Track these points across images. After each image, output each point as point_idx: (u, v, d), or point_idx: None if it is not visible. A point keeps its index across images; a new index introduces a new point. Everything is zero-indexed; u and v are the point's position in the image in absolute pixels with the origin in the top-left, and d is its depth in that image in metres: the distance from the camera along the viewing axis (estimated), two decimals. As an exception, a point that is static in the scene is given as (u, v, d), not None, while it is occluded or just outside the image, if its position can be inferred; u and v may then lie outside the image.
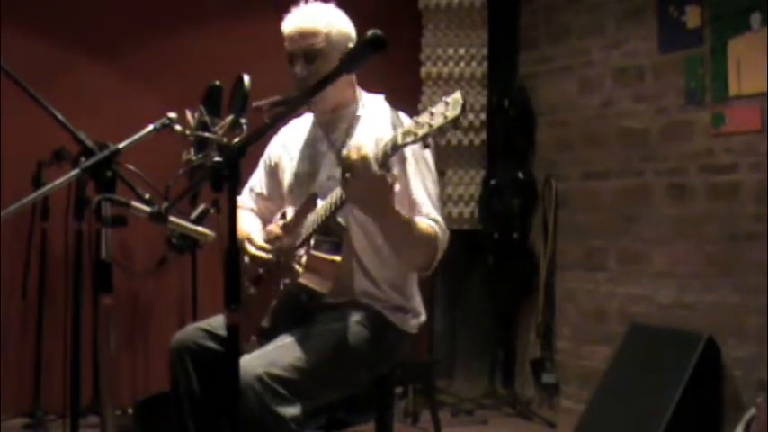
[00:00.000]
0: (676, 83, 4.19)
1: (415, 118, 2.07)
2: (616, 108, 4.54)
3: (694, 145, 4.11)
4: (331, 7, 2.52)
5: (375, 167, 2.07)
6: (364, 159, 2.06)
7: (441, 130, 2.01)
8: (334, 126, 2.54)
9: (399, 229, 2.24)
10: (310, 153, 2.56)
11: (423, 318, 2.59)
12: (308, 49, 2.43)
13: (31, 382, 4.39)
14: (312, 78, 2.39)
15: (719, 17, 3.97)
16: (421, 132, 2.02)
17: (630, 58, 4.46)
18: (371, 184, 2.08)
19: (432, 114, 2.01)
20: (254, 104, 2.48)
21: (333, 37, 2.44)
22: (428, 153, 2.41)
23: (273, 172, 2.69)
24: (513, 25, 5.24)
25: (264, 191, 2.73)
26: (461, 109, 1.96)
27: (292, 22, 2.47)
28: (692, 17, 4.10)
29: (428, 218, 2.34)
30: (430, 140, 2.04)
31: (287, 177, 2.61)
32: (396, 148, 2.09)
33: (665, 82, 4.26)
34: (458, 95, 1.97)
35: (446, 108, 1.98)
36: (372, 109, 2.52)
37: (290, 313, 2.41)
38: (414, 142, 2.05)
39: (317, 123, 2.60)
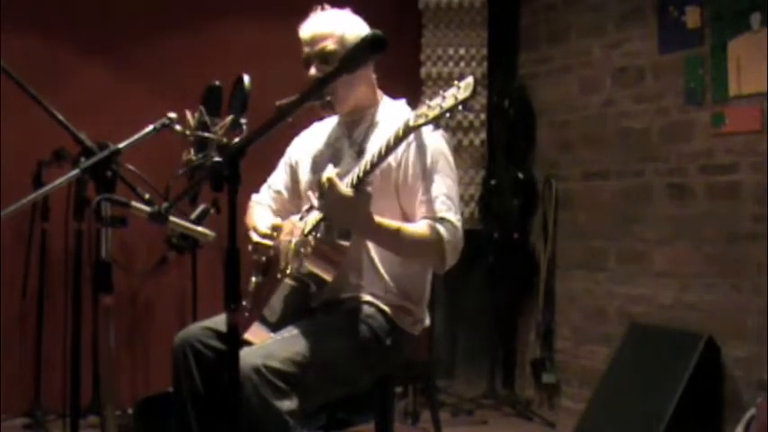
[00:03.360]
0: (676, 83, 4.18)
1: (427, 101, 2.11)
2: (616, 108, 4.54)
3: (694, 145, 4.10)
4: (346, 12, 2.55)
5: (342, 188, 2.16)
6: (329, 181, 2.16)
7: (451, 111, 2.06)
8: (355, 125, 2.56)
9: (388, 240, 2.31)
10: (331, 151, 2.58)
11: (426, 322, 2.59)
12: (322, 51, 2.46)
13: (31, 382, 4.39)
14: None
15: (719, 17, 3.97)
16: (432, 114, 2.07)
17: (630, 58, 4.46)
18: (340, 204, 2.17)
19: (443, 97, 2.07)
20: (277, 103, 2.49)
21: (347, 39, 2.45)
22: (447, 148, 2.43)
23: (293, 171, 2.71)
24: (513, 25, 5.24)
25: (283, 189, 2.75)
26: (472, 91, 2.01)
27: (307, 28, 2.51)
28: (692, 17, 4.10)
29: (435, 218, 2.33)
30: (442, 129, 2.11)
31: (305, 177, 2.63)
32: (408, 131, 2.14)
33: (665, 82, 4.26)
34: (470, 80, 2.03)
35: (457, 90, 2.04)
36: (393, 111, 2.54)
37: (297, 308, 2.41)
38: (425, 123, 2.10)
39: (340, 123, 2.62)
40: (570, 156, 4.82)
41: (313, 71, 2.48)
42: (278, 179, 2.77)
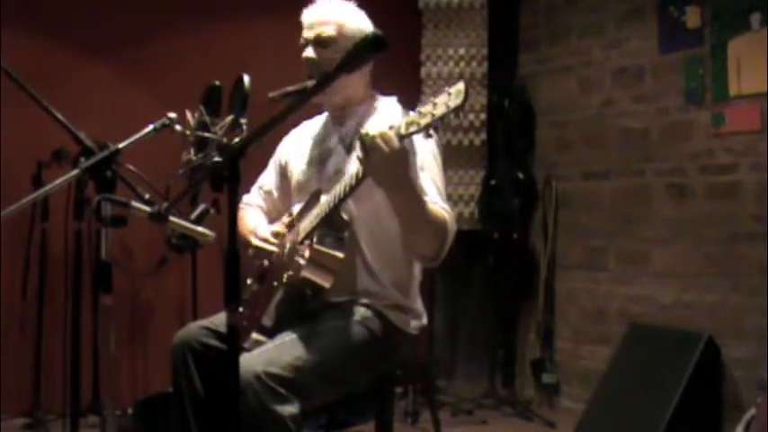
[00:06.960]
0: (676, 83, 4.19)
1: (419, 108, 2.09)
2: (616, 108, 4.54)
3: (694, 145, 4.11)
4: (350, 4, 2.56)
5: (396, 141, 2.08)
6: (384, 134, 2.08)
7: (443, 120, 2.03)
8: (344, 122, 2.56)
9: (414, 205, 2.22)
10: (320, 150, 2.58)
11: (424, 320, 2.59)
12: (320, 36, 2.48)
13: (31, 382, 4.39)
14: (322, 64, 2.45)
15: (719, 17, 3.97)
16: (424, 122, 2.05)
17: (630, 58, 4.46)
18: (392, 156, 2.09)
19: (434, 104, 2.04)
20: (270, 95, 2.49)
21: (346, 28, 2.48)
22: (436, 148, 2.43)
23: (283, 171, 2.71)
24: (513, 25, 5.25)
25: (273, 189, 2.75)
26: (464, 98, 1.98)
27: (309, 13, 2.54)
28: (692, 17, 4.10)
29: (438, 206, 2.34)
30: (433, 131, 2.06)
31: (295, 176, 2.63)
32: (400, 138, 2.10)
33: (665, 82, 4.26)
34: (461, 86, 2.00)
35: (449, 98, 2.01)
36: (384, 109, 2.53)
37: (292, 312, 2.41)
38: (417, 132, 2.07)
39: (328, 120, 2.62)
40: (570, 156, 4.82)
41: (309, 52, 2.49)
42: (268, 179, 2.77)
